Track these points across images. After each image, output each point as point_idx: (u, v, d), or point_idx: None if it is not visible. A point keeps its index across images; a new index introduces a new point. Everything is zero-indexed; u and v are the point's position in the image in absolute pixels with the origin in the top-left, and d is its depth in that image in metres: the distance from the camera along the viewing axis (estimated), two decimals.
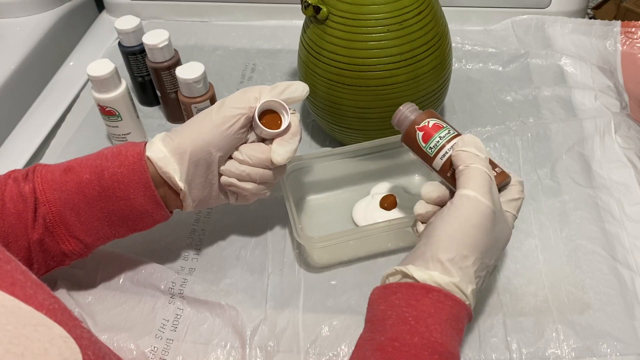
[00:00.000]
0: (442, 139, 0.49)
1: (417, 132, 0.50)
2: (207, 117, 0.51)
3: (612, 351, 0.50)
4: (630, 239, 0.59)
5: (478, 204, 0.43)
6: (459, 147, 0.46)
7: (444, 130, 0.49)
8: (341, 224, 0.63)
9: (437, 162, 0.49)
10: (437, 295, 0.42)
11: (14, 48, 0.87)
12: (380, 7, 0.57)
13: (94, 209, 0.50)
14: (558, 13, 0.87)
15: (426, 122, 0.50)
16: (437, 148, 0.49)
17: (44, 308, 0.33)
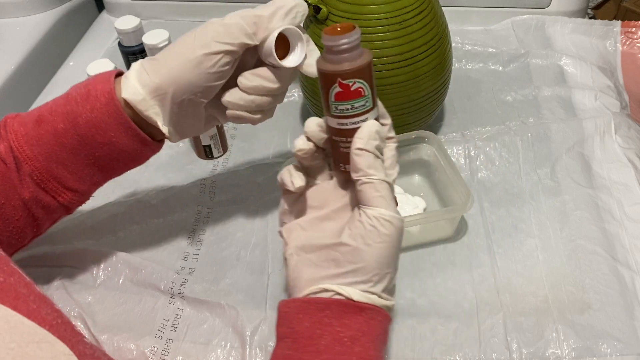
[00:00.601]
0: (353, 109, 0.43)
1: (335, 85, 0.43)
2: (189, 50, 0.45)
3: (612, 351, 0.50)
4: (630, 239, 0.59)
5: (397, 222, 0.41)
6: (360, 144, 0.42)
7: (362, 100, 0.43)
8: None
9: (332, 122, 0.44)
10: (370, 312, 0.41)
11: (14, 48, 0.87)
12: (380, 7, 0.57)
13: (79, 158, 0.48)
14: (558, 13, 0.87)
15: (351, 82, 0.43)
16: (342, 113, 0.43)
17: (47, 323, 0.33)
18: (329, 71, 0.43)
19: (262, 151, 0.72)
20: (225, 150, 0.72)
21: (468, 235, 0.61)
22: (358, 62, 0.42)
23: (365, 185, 0.42)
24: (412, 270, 0.58)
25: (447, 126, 0.74)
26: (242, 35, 0.45)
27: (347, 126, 0.43)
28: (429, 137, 0.63)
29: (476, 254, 0.59)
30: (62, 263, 0.60)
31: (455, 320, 0.53)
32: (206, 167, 0.70)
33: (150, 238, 0.62)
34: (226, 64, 0.46)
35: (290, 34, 0.47)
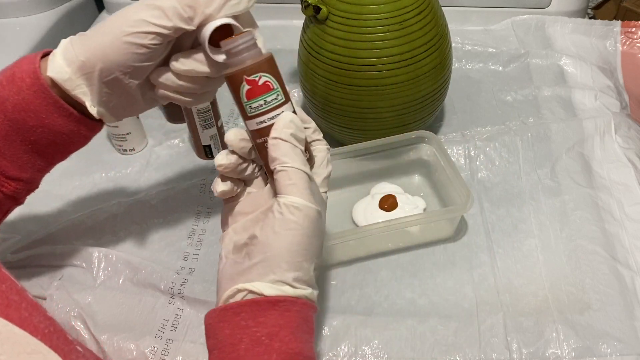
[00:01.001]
0: (266, 103, 0.43)
1: (243, 83, 0.43)
2: (118, 28, 0.42)
3: (612, 351, 0.50)
4: (630, 239, 0.59)
5: (308, 210, 0.41)
6: (275, 134, 0.42)
7: (273, 93, 0.43)
8: (341, 224, 0.63)
9: (251, 124, 0.44)
10: (284, 304, 0.40)
11: (14, 48, 0.87)
12: (380, 7, 0.57)
13: (15, 144, 0.45)
14: (558, 13, 0.87)
15: (257, 77, 0.43)
16: (257, 111, 0.43)
17: (39, 332, 0.32)
18: (234, 72, 0.43)
19: None
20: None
21: (468, 235, 0.61)
22: (259, 57, 0.43)
23: (279, 173, 0.41)
24: (412, 270, 0.58)
25: (447, 126, 0.74)
26: (177, 18, 0.42)
27: (265, 123, 0.43)
28: (429, 137, 0.63)
29: (476, 254, 0.59)
30: (62, 263, 0.60)
31: (455, 320, 0.53)
32: (206, 167, 0.70)
33: (150, 238, 0.62)
34: (156, 46, 0.43)
35: (235, 27, 0.46)
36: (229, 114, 0.78)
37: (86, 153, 0.72)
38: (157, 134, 0.75)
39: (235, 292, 0.41)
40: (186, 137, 0.74)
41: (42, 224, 0.64)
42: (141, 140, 0.73)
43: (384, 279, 0.57)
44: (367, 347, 0.52)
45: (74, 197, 0.67)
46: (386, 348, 0.52)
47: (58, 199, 0.67)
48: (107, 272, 0.59)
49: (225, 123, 0.75)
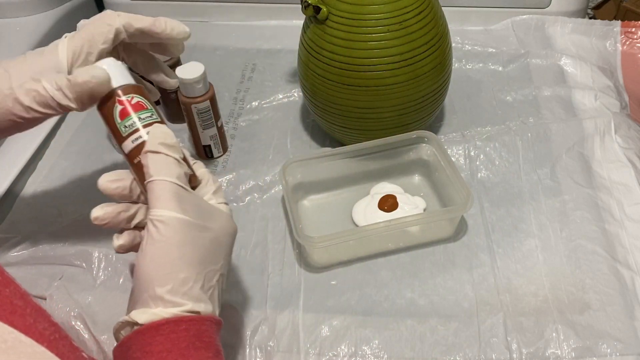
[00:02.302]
0: (140, 120, 0.44)
1: (116, 104, 0.44)
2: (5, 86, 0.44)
3: (612, 351, 0.50)
4: (630, 239, 0.59)
5: (173, 221, 0.39)
6: (148, 147, 0.42)
7: (146, 112, 0.44)
8: (341, 224, 0.63)
9: (127, 145, 0.43)
10: (167, 327, 0.38)
11: (14, 48, 0.87)
12: (380, 7, 0.57)
13: None
14: (558, 13, 0.87)
15: (130, 97, 0.44)
16: (132, 129, 0.43)
17: (44, 339, 0.32)
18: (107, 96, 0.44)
19: (262, 151, 0.72)
20: (225, 150, 0.72)
21: (468, 235, 0.61)
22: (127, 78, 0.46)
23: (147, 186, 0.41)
24: (412, 270, 0.58)
25: (447, 126, 0.74)
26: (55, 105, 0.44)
27: (141, 139, 0.43)
28: (429, 137, 0.63)
29: (476, 254, 0.59)
30: (62, 263, 0.60)
31: (455, 320, 0.53)
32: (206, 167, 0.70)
33: None
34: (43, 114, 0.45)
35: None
36: (229, 114, 0.78)
37: (86, 153, 0.73)
38: None
39: (122, 326, 0.40)
40: (186, 137, 0.74)
41: (42, 224, 0.64)
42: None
43: (384, 279, 0.57)
44: (367, 347, 0.52)
45: (74, 197, 0.67)
46: (386, 348, 0.52)
47: (58, 199, 0.67)
48: (107, 272, 0.59)
49: (226, 123, 0.75)
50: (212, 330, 0.41)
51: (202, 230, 0.41)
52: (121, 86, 0.44)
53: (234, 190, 0.67)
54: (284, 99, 0.79)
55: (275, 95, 0.80)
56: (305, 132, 0.74)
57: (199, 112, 0.65)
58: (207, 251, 0.42)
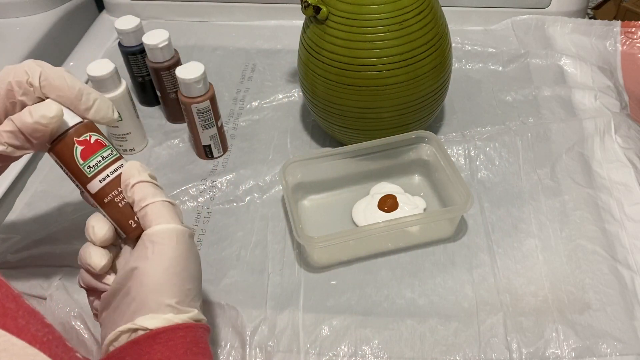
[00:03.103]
0: (104, 159, 0.44)
1: (75, 145, 0.43)
2: None
3: (612, 351, 0.50)
4: (630, 239, 0.59)
5: (181, 233, 0.41)
6: (135, 179, 0.43)
7: (107, 149, 0.44)
8: (341, 224, 0.63)
9: (94, 185, 0.44)
10: (165, 334, 0.39)
11: (14, 48, 0.87)
12: (380, 7, 0.57)
13: None
14: (558, 13, 0.87)
15: (87, 136, 0.44)
16: (97, 169, 0.43)
17: (37, 341, 0.32)
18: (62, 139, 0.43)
19: (262, 151, 0.72)
20: (225, 150, 0.72)
21: (468, 235, 0.61)
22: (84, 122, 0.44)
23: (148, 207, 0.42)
24: (412, 270, 0.58)
25: (447, 126, 0.74)
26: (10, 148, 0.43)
27: (109, 177, 0.44)
28: (429, 137, 0.63)
29: (476, 254, 0.59)
30: (62, 263, 0.60)
31: (455, 320, 0.53)
32: (206, 167, 0.70)
33: None
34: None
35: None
36: (229, 114, 0.78)
37: None
38: (157, 134, 0.75)
39: (118, 335, 0.40)
40: (186, 137, 0.74)
41: (42, 224, 0.64)
42: (141, 141, 0.74)
43: (384, 279, 0.57)
44: (367, 347, 0.52)
45: (74, 197, 0.67)
46: (386, 348, 0.52)
47: (58, 199, 0.67)
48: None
49: (225, 123, 0.75)
50: (206, 336, 0.42)
51: (194, 244, 0.44)
52: (75, 125, 0.44)
53: (234, 190, 0.67)
54: (284, 99, 0.79)
55: (275, 95, 0.80)
56: (305, 132, 0.74)
57: (199, 112, 0.65)
58: (198, 263, 0.44)
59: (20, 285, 0.58)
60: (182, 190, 0.66)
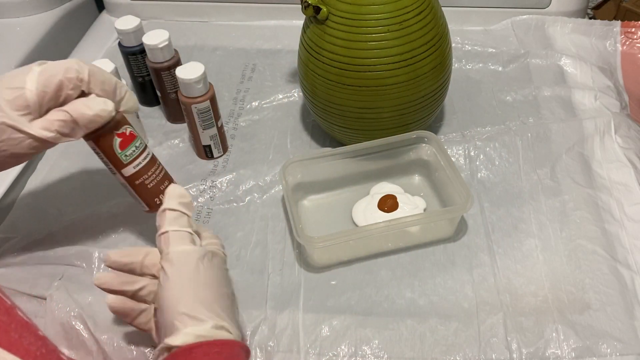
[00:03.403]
0: (137, 148, 0.52)
1: (115, 137, 0.51)
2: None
3: (612, 351, 0.50)
4: (630, 239, 0.59)
5: (195, 252, 0.44)
6: (165, 205, 0.47)
7: (138, 139, 0.52)
8: (341, 224, 0.63)
9: (128, 170, 0.52)
10: (200, 350, 0.40)
11: (14, 48, 0.87)
12: (380, 7, 0.57)
13: None
14: (558, 13, 0.87)
15: (124, 129, 0.51)
16: (132, 157, 0.52)
17: (30, 355, 0.32)
18: (103, 132, 0.50)
19: (262, 151, 0.72)
20: (225, 150, 0.72)
21: (468, 235, 0.61)
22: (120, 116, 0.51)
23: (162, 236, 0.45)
24: (412, 270, 0.58)
25: (447, 126, 0.74)
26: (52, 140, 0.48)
27: (141, 164, 0.53)
28: (429, 137, 0.63)
29: (476, 254, 0.59)
30: (62, 263, 0.60)
31: (455, 320, 0.53)
32: (206, 167, 0.70)
33: (150, 238, 0.62)
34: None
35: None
36: (229, 114, 0.78)
37: (86, 153, 0.73)
38: (157, 134, 0.75)
39: (158, 355, 0.42)
40: (186, 137, 0.74)
41: (42, 224, 0.64)
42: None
43: (384, 279, 0.57)
44: (367, 347, 0.52)
45: (74, 197, 0.67)
46: (386, 348, 0.52)
47: (58, 199, 0.67)
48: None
49: (226, 123, 0.76)
50: (242, 356, 0.42)
51: (211, 258, 0.46)
52: (115, 122, 0.50)
53: (234, 190, 0.67)
54: (284, 99, 0.79)
55: (275, 95, 0.80)
56: (305, 132, 0.74)
57: (199, 112, 0.66)
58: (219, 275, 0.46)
59: (20, 285, 0.58)
60: None
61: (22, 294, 0.57)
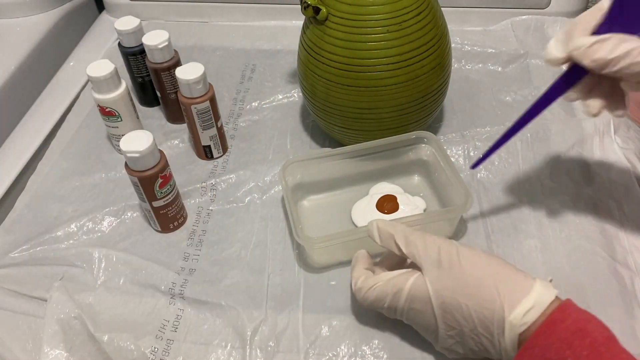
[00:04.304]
0: (170, 187, 0.59)
1: (158, 178, 0.57)
2: None
3: None
4: (629, 239, 0.59)
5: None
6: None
7: (172, 180, 0.60)
8: (340, 224, 0.63)
9: (158, 202, 0.59)
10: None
11: (14, 48, 0.88)
12: (379, 7, 0.57)
13: None
14: (558, 13, 0.87)
15: (166, 172, 0.58)
16: (165, 194, 0.59)
17: None
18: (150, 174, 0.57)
19: (262, 151, 0.72)
20: (225, 150, 0.72)
21: (467, 235, 0.61)
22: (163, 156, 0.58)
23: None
24: None
25: (446, 126, 0.74)
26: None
27: (170, 199, 0.60)
28: (428, 137, 0.64)
29: None
30: (62, 263, 0.60)
31: None
32: (206, 167, 0.70)
33: (150, 239, 0.63)
34: None
35: None
36: (228, 115, 0.78)
37: (86, 153, 0.73)
38: (157, 134, 0.75)
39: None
40: (186, 137, 0.74)
41: (42, 224, 0.64)
42: None
43: None
44: (367, 347, 0.52)
45: (74, 197, 0.68)
46: (386, 348, 0.52)
47: (58, 199, 0.67)
48: (108, 273, 0.59)
49: (225, 123, 0.76)
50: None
51: None
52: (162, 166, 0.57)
53: (234, 191, 0.67)
54: (283, 100, 0.79)
55: (275, 96, 0.80)
56: (305, 132, 0.75)
57: (198, 112, 0.66)
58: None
59: (20, 285, 0.58)
60: (182, 191, 0.66)
61: (22, 294, 0.57)
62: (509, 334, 0.42)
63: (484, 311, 0.43)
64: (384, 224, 0.50)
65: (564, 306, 0.42)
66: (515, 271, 0.45)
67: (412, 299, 0.47)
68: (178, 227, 0.63)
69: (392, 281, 0.47)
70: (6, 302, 0.57)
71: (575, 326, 0.40)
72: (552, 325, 0.40)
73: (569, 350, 0.39)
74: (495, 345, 0.43)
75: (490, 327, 0.43)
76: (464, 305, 0.44)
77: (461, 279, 0.44)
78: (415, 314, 0.47)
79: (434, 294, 0.45)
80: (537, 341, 0.40)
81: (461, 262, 0.45)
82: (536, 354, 0.40)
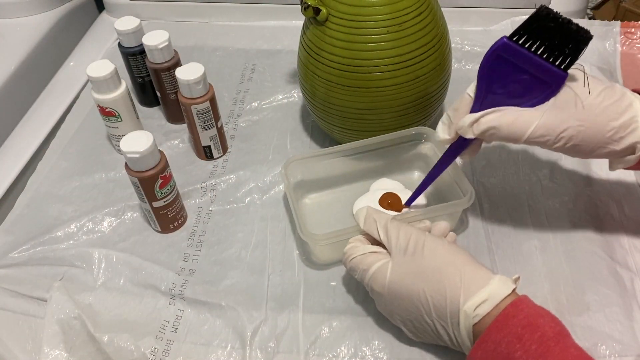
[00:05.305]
0: (170, 187, 0.60)
1: (158, 179, 0.57)
2: None
3: (611, 352, 0.50)
4: (629, 240, 0.59)
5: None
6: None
7: (172, 180, 0.60)
8: (342, 221, 0.63)
9: (158, 203, 0.60)
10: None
11: (14, 48, 0.88)
12: (379, 8, 0.57)
13: None
14: None
15: (167, 172, 0.58)
16: (165, 194, 0.59)
17: None
18: (150, 175, 0.57)
19: (262, 152, 0.72)
20: (225, 151, 0.72)
21: (467, 236, 0.61)
22: (163, 156, 0.58)
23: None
24: None
25: None
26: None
27: (169, 199, 0.60)
28: (428, 133, 0.64)
29: (475, 255, 0.59)
30: (62, 264, 0.60)
31: None
32: (206, 167, 0.70)
33: (150, 239, 0.63)
34: None
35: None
36: (228, 115, 0.78)
37: (86, 153, 0.73)
38: (157, 135, 0.75)
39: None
40: (186, 137, 0.74)
41: (42, 224, 0.64)
42: None
43: None
44: (367, 348, 0.52)
45: (74, 197, 0.68)
46: (386, 349, 0.52)
47: (58, 199, 0.67)
48: (108, 273, 0.59)
49: (225, 124, 0.76)
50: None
51: None
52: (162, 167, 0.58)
53: (233, 191, 0.67)
54: (283, 100, 0.79)
55: (275, 96, 0.80)
56: (305, 132, 0.75)
57: (198, 112, 0.66)
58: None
59: (20, 285, 0.58)
60: (182, 191, 0.66)
61: (22, 295, 0.57)
62: (464, 324, 0.44)
63: (439, 297, 0.45)
64: (372, 210, 0.52)
65: (518, 301, 0.43)
66: (478, 265, 0.47)
67: (373, 281, 0.49)
68: (178, 228, 0.63)
69: (366, 259, 0.50)
70: (6, 302, 0.57)
71: (526, 321, 0.42)
72: (504, 320, 0.42)
73: (519, 344, 0.41)
74: (450, 334, 0.46)
75: (445, 313, 0.45)
76: (421, 290, 0.46)
77: (421, 265, 0.47)
78: (375, 296, 0.51)
79: (390, 280, 0.48)
80: (491, 336, 0.42)
81: (424, 250, 0.47)
82: (489, 348, 0.42)
